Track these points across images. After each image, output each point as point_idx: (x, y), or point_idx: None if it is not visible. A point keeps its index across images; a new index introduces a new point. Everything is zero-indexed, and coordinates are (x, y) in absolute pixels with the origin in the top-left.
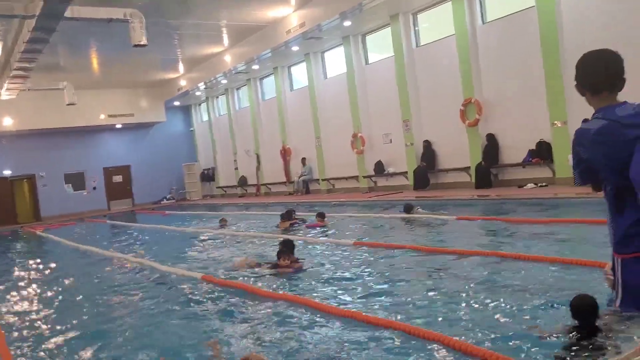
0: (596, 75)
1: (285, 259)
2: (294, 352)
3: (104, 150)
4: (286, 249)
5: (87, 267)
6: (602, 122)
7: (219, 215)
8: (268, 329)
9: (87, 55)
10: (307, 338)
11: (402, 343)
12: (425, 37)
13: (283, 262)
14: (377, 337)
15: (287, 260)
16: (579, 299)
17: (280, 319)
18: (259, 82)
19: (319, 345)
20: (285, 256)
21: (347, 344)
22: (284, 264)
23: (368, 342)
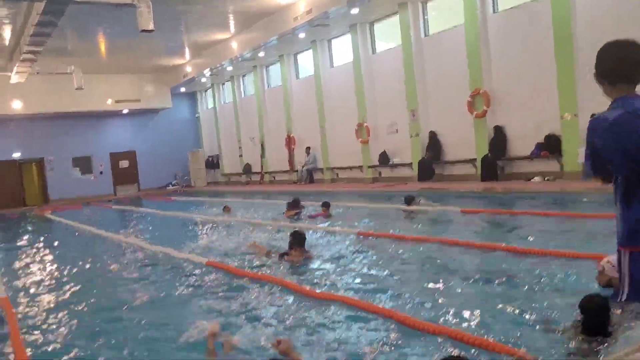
0: (616, 64)
1: (296, 250)
2: (298, 339)
3: (110, 135)
4: (297, 241)
5: (93, 249)
6: (619, 112)
7: (223, 202)
8: (271, 315)
9: (95, 40)
10: (310, 325)
11: (403, 335)
12: (434, 27)
13: (294, 253)
14: (379, 327)
15: (297, 251)
16: (587, 299)
17: (283, 306)
18: (265, 69)
19: (323, 332)
20: (297, 247)
21: (350, 332)
22: (294, 255)
23: (370, 330)
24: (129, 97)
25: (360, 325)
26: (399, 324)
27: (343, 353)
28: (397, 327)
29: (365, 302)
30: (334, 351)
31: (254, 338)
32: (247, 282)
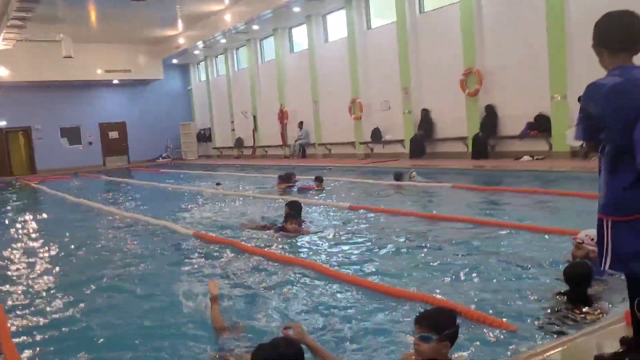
0: (617, 33)
1: (292, 223)
2: (285, 308)
3: (100, 105)
4: (294, 212)
5: (80, 220)
6: (618, 79)
7: (214, 176)
8: (260, 286)
9: (86, 8)
10: (298, 295)
11: (393, 305)
12: (430, 4)
13: (290, 225)
14: (367, 298)
15: (294, 224)
16: (571, 267)
17: (270, 277)
18: (259, 43)
19: (309, 301)
20: (293, 220)
21: (335, 302)
22: (290, 227)
23: (356, 301)
24: (119, 68)
25: (345, 297)
26: (384, 294)
27: (334, 323)
28: (382, 298)
29: (347, 275)
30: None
31: (257, 316)
32: (232, 252)
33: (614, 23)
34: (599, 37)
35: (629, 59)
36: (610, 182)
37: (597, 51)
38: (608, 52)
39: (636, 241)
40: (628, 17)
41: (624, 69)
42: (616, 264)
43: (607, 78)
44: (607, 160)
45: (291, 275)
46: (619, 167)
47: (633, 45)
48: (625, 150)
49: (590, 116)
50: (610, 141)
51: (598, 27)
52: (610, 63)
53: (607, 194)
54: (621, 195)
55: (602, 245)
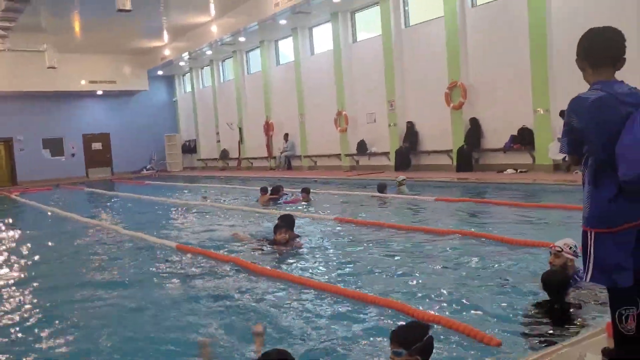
0: (600, 48)
1: (281, 234)
2: (269, 321)
3: (83, 116)
4: (284, 224)
5: (60, 232)
6: (600, 94)
7: (199, 188)
8: (245, 298)
9: (70, 18)
10: (274, 308)
11: (380, 316)
12: (415, 18)
13: (279, 236)
14: (351, 307)
15: (284, 236)
16: (549, 273)
17: (256, 289)
18: (245, 55)
19: (294, 314)
20: (282, 231)
21: (317, 316)
22: (279, 238)
23: (339, 310)
24: (104, 78)
25: (329, 310)
26: (366, 303)
27: (321, 339)
28: (369, 309)
29: (329, 285)
30: (312, 338)
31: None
32: (217, 265)
33: (596, 39)
34: (583, 52)
35: (611, 74)
36: (594, 195)
37: (581, 66)
38: (591, 66)
39: (618, 253)
40: (610, 33)
41: (605, 84)
42: (599, 275)
43: (589, 92)
44: (590, 173)
45: (277, 287)
46: (602, 180)
47: (615, 60)
48: (608, 163)
49: (574, 130)
50: (593, 154)
51: (581, 43)
52: (593, 77)
53: (590, 206)
54: (604, 208)
55: (585, 257)
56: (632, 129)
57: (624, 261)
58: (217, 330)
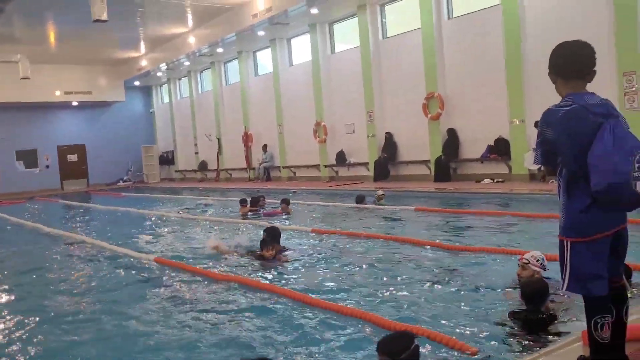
0: (570, 62)
1: (269, 250)
2: (237, 333)
3: (58, 127)
4: (270, 239)
5: (35, 246)
6: (571, 105)
7: (177, 199)
8: (219, 311)
9: (44, 28)
10: (253, 320)
11: (358, 327)
12: (392, 30)
13: (267, 252)
14: (331, 320)
15: (271, 251)
16: (529, 283)
17: (231, 302)
18: (223, 65)
19: (276, 326)
20: (269, 247)
21: (302, 329)
22: (268, 254)
23: (320, 323)
24: (79, 89)
25: (304, 321)
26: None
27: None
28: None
29: (306, 296)
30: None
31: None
32: (194, 278)
33: (567, 52)
34: (554, 65)
35: (582, 86)
36: (568, 205)
37: (553, 78)
38: (562, 79)
39: (593, 262)
40: (580, 47)
41: (577, 95)
42: (574, 284)
43: (561, 104)
44: (564, 184)
45: (261, 301)
46: (575, 191)
47: (585, 73)
48: (580, 174)
49: (547, 141)
50: (566, 165)
51: (553, 56)
52: (565, 89)
53: (566, 216)
54: (577, 218)
55: (562, 266)
56: (602, 140)
57: (599, 270)
58: (198, 345)
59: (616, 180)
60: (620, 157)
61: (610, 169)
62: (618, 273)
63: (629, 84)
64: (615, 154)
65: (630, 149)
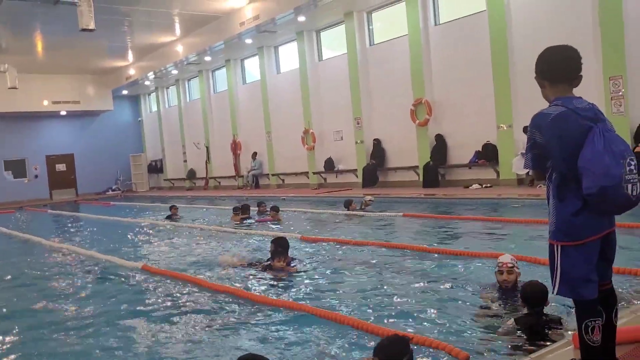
0: (557, 66)
1: (280, 260)
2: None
3: (46, 137)
4: (281, 249)
5: (24, 256)
6: (561, 109)
7: (167, 208)
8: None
9: (32, 38)
10: (249, 328)
11: (349, 335)
12: (379, 36)
13: (278, 263)
14: (325, 328)
15: (282, 262)
16: (529, 286)
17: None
18: (211, 74)
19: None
20: (281, 257)
21: (288, 336)
22: (278, 265)
23: (314, 331)
24: (67, 99)
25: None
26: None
27: None
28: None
29: (303, 305)
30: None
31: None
32: (185, 285)
33: (554, 57)
34: (541, 69)
35: (568, 90)
36: (559, 209)
37: (540, 82)
38: (549, 83)
39: (584, 266)
40: (567, 51)
41: (565, 99)
42: (564, 288)
43: (551, 108)
44: (554, 187)
45: (252, 309)
46: (566, 194)
47: (572, 77)
48: (571, 177)
49: (537, 145)
50: (557, 169)
51: (540, 61)
52: (552, 93)
53: (556, 220)
54: (570, 221)
55: (552, 270)
56: (593, 143)
57: (589, 273)
58: (187, 353)
59: (608, 183)
60: (611, 160)
61: (602, 172)
62: (607, 276)
63: (615, 88)
64: (606, 156)
65: (620, 152)
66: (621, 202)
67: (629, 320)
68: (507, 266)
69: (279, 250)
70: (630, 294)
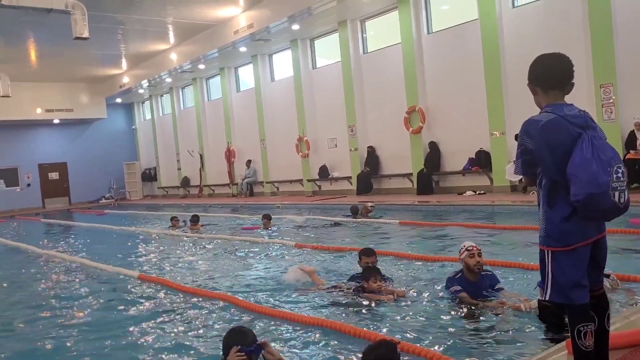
0: (549, 73)
1: (376, 280)
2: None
3: (39, 145)
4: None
5: (16, 265)
6: (551, 116)
7: (160, 216)
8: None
9: (25, 46)
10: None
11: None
12: (373, 45)
13: (374, 284)
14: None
15: (378, 282)
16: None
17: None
18: (205, 82)
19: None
20: (376, 275)
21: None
22: (375, 287)
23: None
24: (60, 107)
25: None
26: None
27: None
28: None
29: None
30: None
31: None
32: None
33: (546, 64)
34: (533, 77)
35: (560, 97)
36: (549, 215)
37: (532, 89)
38: (542, 90)
39: (574, 271)
40: (558, 59)
41: (556, 107)
42: (556, 294)
43: (541, 115)
44: (544, 193)
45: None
46: (556, 201)
47: (563, 84)
48: (561, 184)
49: (528, 151)
50: (546, 175)
51: (532, 68)
52: (544, 100)
53: (546, 226)
54: (559, 227)
55: (543, 276)
56: (581, 150)
57: (580, 278)
58: None
59: (595, 190)
60: (598, 168)
61: (589, 179)
62: (598, 281)
63: (606, 96)
64: (594, 164)
65: (608, 159)
66: (608, 209)
67: (621, 325)
68: (477, 249)
69: (374, 267)
70: (623, 301)
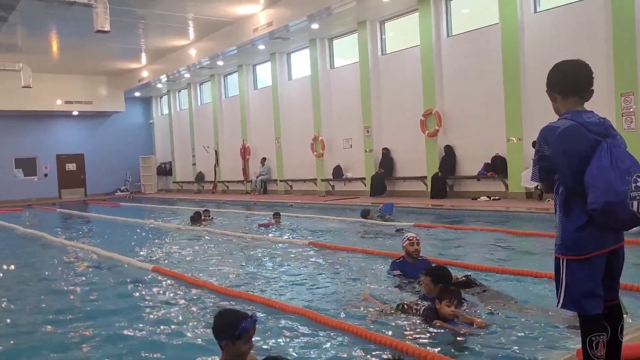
0: (569, 80)
1: (451, 304)
2: None
3: (58, 136)
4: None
5: (32, 253)
6: (570, 123)
7: (174, 210)
8: None
9: (47, 38)
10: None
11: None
12: (391, 46)
13: (448, 309)
14: (324, 335)
15: (453, 307)
16: (441, 268)
17: None
18: (223, 78)
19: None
20: (453, 298)
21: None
22: (449, 312)
23: (316, 338)
24: (80, 99)
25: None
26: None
27: None
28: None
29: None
30: None
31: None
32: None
33: (565, 70)
34: (552, 83)
35: (579, 104)
36: (564, 223)
37: (551, 96)
38: (560, 96)
39: (589, 280)
40: (578, 65)
41: (575, 113)
42: (569, 302)
43: (560, 121)
44: (560, 201)
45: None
46: (572, 208)
47: (583, 91)
48: (577, 192)
49: (545, 158)
50: (563, 183)
51: (551, 75)
52: (563, 107)
53: (562, 234)
54: (575, 236)
55: (557, 284)
56: (600, 158)
57: (594, 288)
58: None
59: (612, 199)
60: (617, 176)
61: (607, 187)
62: (613, 291)
63: (626, 105)
64: (612, 172)
65: (627, 168)
66: (626, 218)
67: (634, 336)
68: (416, 239)
69: (451, 290)
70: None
